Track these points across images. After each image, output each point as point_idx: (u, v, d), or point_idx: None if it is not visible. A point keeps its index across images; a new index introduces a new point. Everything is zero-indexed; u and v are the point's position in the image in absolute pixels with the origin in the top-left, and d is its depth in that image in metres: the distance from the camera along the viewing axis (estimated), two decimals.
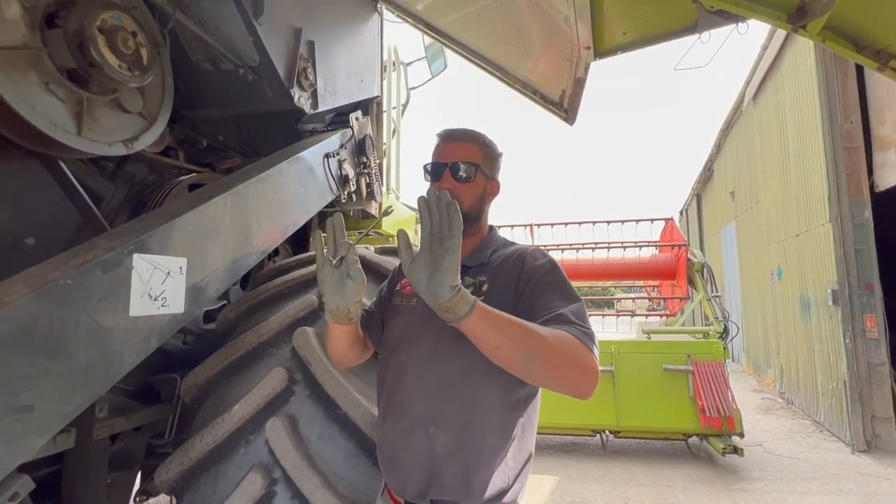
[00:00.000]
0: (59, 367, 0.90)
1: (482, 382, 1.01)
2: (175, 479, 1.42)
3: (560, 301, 1.00)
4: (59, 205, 1.44)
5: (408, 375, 1.06)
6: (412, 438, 1.01)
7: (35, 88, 1.16)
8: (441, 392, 1.02)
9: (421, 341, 1.08)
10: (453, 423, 0.99)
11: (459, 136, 1.20)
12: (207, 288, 1.33)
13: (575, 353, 0.89)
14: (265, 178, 1.62)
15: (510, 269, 1.10)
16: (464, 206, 1.10)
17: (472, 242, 1.19)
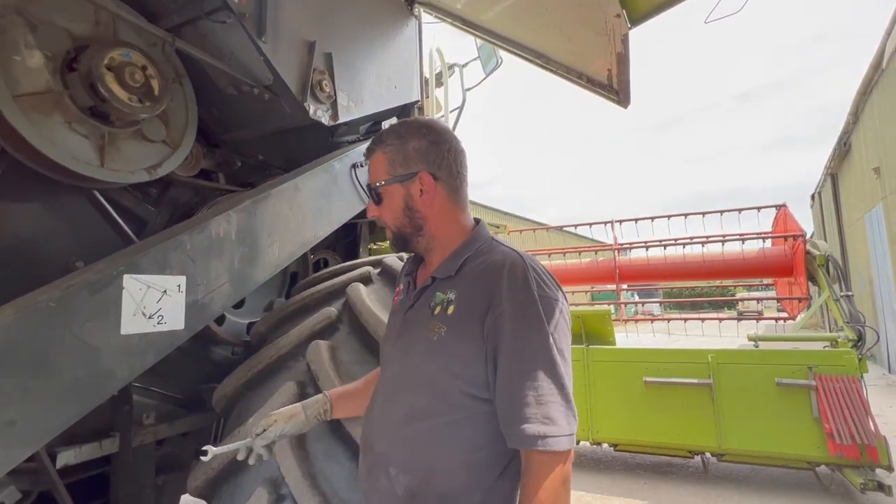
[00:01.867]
0: (42, 384, 0.97)
1: (450, 420, 0.87)
2: (201, 486, 1.48)
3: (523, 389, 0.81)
4: (101, 229, 1.60)
5: (375, 404, 0.99)
6: (375, 478, 0.94)
7: (58, 128, 1.29)
8: (400, 431, 0.91)
9: (394, 366, 0.99)
10: (416, 466, 0.88)
11: (368, 151, 1.03)
12: (211, 304, 1.36)
13: None
14: (278, 193, 1.64)
15: (481, 288, 0.89)
16: (392, 229, 1.01)
17: (443, 249, 1.00)
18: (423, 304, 0.97)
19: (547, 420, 0.79)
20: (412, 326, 0.97)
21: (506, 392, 0.82)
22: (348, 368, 1.52)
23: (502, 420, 0.83)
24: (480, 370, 0.85)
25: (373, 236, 2.94)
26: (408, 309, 1.00)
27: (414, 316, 0.98)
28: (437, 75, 3.70)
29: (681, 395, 4.13)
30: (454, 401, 0.86)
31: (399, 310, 1.06)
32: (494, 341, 0.84)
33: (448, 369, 0.87)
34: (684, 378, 4.13)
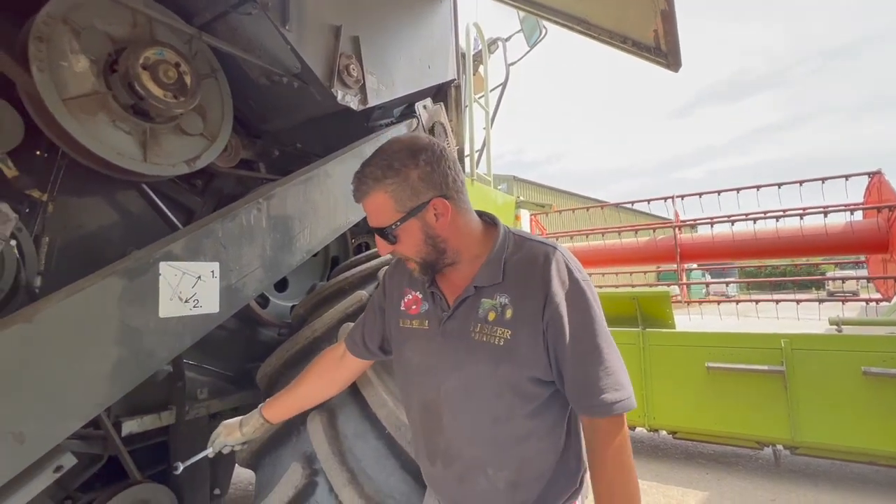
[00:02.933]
0: (91, 361, 1.06)
1: (528, 418, 0.95)
2: (247, 457, 1.59)
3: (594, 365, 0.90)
4: (153, 220, 1.72)
5: (444, 417, 1.00)
6: (471, 483, 0.99)
7: (104, 126, 1.39)
8: (490, 434, 0.97)
9: (447, 378, 0.99)
10: (510, 460, 0.96)
11: (360, 192, 0.97)
12: (244, 289, 1.43)
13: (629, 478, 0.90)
14: (308, 180, 1.68)
15: (533, 285, 0.93)
16: (416, 260, 0.99)
17: (475, 257, 1.00)
18: (468, 313, 0.97)
19: (618, 387, 0.90)
20: (460, 337, 0.97)
21: (578, 371, 0.90)
22: None
23: (578, 396, 0.91)
24: (544, 359, 0.92)
25: None
26: (446, 319, 1.00)
27: (459, 325, 0.98)
28: (476, 54, 3.60)
29: (748, 383, 3.83)
30: (530, 394, 0.94)
31: (427, 318, 1.04)
32: (555, 330, 0.90)
33: (522, 368, 0.92)
34: (752, 364, 3.81)
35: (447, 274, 1.04)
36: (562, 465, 0.99)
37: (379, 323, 1.18)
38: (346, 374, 1.31)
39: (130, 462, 1.51)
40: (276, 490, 1.42)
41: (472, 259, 1.00)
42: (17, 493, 0.98)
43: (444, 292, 1.04)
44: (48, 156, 1.49)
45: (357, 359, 1.26)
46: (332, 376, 1.30)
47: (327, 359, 1.31)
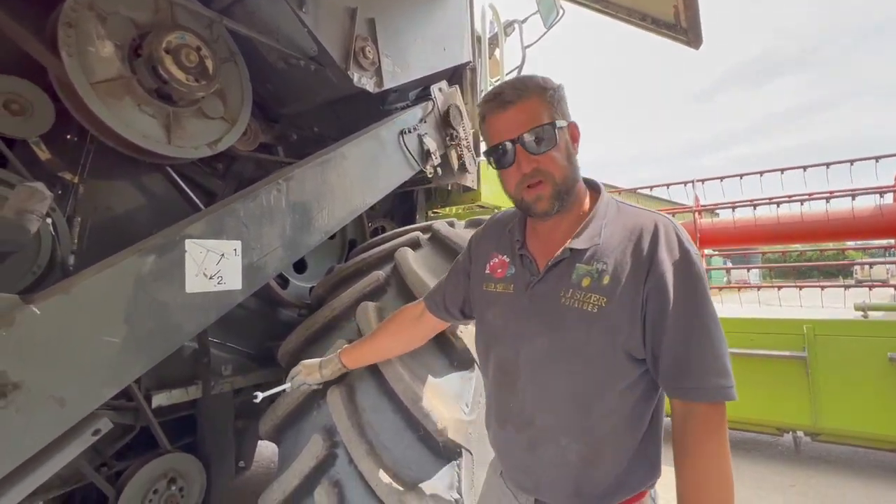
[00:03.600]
0: (124, 333, 1.12)
1: (613, 393, 0.90)
2: (270, 430, 1.65)
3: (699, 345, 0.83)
4: (177, 202, 1.78)
5: (521, 380, 0.97)
6: (542, 450, 0.95)
7: (130, 110, 1.43)
8: (568, 403, 0.92)
9: (530, 341, 0.95)
10: (586, 433, 0.91)
11: (511, 97, 0.92)
12: (266, 267, 1.47)
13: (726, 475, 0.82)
14: (326, 162, 1.71)
15: (636, 252, 0.88)
16: (557, 181, 0.92)
17: (576, 218, 0.97)
18: (560, 277, 0.93)
19: (724, 372, 0.83)
20: (548, 302, 0.93)
21: (680, 349, 0.84)
22: None
23: (675, 376, 0.84)
24: (639, 334, 0.87)
25: (429, 203, 2.98)
26: (535, 283, 0.96)
27: (549, 290, 0.94)
28: (492, 37, 3.56)
29: (769, 369, 3.78)
30: (618, 368, 0.88)
31: (512, 282, 1.02)
32: (657, 303, 0.85)
33: (614, 338, 0.87)
34: (773, 350, 3.76)
35: (541, 235, 1.01)
36: (640, 453, 0.93)
37: (462, 287, 1.17)
38: (421, 332, 1.33)
39: (161, 432, 1.59)
40: (298, 460, 1.48)
41: (575, 214, 0.97)
42: (60, 453, 1.04)
43: (534, 256, 1.00)
44: (78, 139, 1.55)
45: (434, 319, 1.27)
46: (408, 333, 1.33)
47: (405, 316, 1.33)
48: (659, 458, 0.96)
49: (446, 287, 1.23)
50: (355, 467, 1.40)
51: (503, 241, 1.08)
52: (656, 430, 0.96)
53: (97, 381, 1.07)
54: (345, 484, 1.43)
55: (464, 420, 1.41)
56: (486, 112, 0.96)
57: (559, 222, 0.98)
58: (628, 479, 0.93)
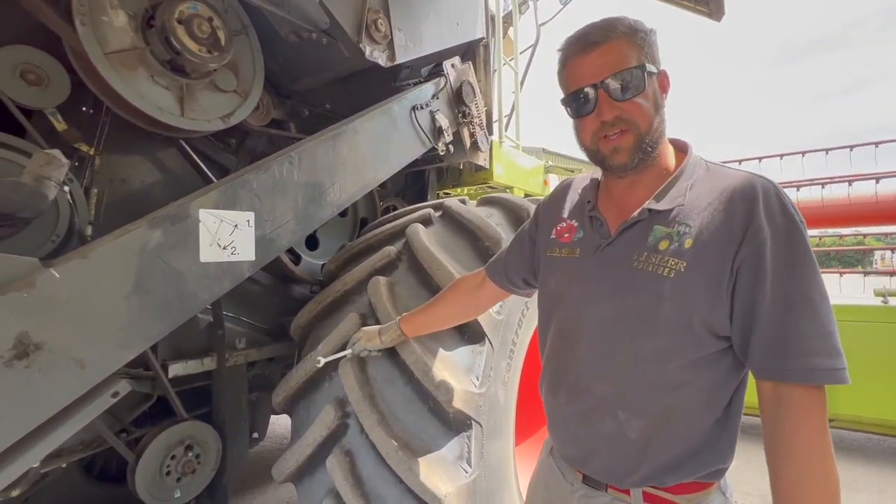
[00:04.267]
0: (141, 299, 1.14)
1: (686, 367, 0.82)
2: (283, 402, 1.68)
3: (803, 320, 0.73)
4: (191, 176, 1.79)
5: (581, 347, 0.91)
6: (597, 422, 0.89)
7: (143, 81, 1.44)
8: (630, 373, 0.85)
9: (594, 307, 0.89)
10: (648, 408, 0.84)
11: (597, 38, 0.84)
12: (278, 239, 1.48)
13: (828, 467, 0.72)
14: (337, 136, 1.70)
15: (729, 215, 0.79)
16: (641, 130, 0.84)
17: (657, 177, 0.89)
18: (634, 239, 0.87)
19: (834, 352, 0.72)
20: (618, 265, 0.87)
21: (779, 323, 0.74)
22: (405, 302, 1.58)
23: (770, 354, 0.75)
24: (723, 306, 0.78)
25: (440, 183, 2.96)
26: (605, 246, 0.91)
27: (620, 253, 0.88)
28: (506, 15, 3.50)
29: None
30: (691, 340, 0.80)
31: (579, 246, 0.97)
32: (753, 273, 0.76)
33: (690, 307, 0.79)
34: None
35: (616, 197, 0.95)
36: (709, 438, 0.84)
37: (527, 254, 1.14)
38: (480, 301, 1.31)
39: (177, 401, 1.62)
40: (310, 430, 1.51)
41: (656, 172, 0.89)
42: (81, 412, 1.07)
43: (606, 218, 0.94)
44: (93, 111, 1.56)
45: (494, 288, 1.24)
46: (467, 302, 1.31)
47: (464, 285, 1.31)
48: (732, 449, 0.87)
49: (508, 256, 1.20)
50: (366, 437, 1.42)
51: (573, 205, 1.04)
52: (732, 417, 0.86)
53: (115, 344, 1.09)
54: (356, 453, 1.46)
55: (474, 392, 1.42)
56: (567, 55, 0.87)
57: (637, 182, 0.90)
58: (692, 465, 0.84)
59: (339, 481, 1.42)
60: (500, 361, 1.58)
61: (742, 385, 0.87)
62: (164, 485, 1.53)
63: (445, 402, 1.35)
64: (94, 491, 1.78)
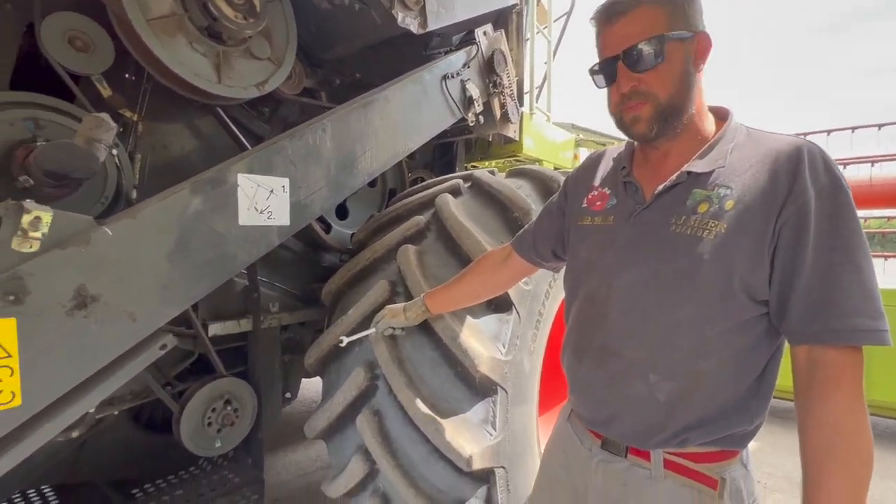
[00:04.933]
0: (184, 258, 1.20)
1: (721, 331, 0.81)
2: (314, 364, 1.75)
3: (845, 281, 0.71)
4: (227, 144, 1.83)
5: (612, 312, 0.91)
6: (626, 385, 0.90)
7: (182, 47, 1.46)
8: (663, 337, 0.85)
9: (627, 273, 0.89)
10: (680, 371, 0.84)
11: (624, 6, 0.84)
12: (312, 205, 1.52)
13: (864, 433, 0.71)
14: (369, 104, 1.70)
15: (772, 176, 0.77)
16: (661, 101, 0.84)
17: (695, 143, 0.88)
18: (672, 203, 0.86)
19: (877, 314, 0.71)
20: (654, 230, 0.87)
21: (821, 283, 0.73)
22: (434, 271, 1.61)
23: (807, 318, 0.74)
24: (764, 268, 0.77)
25: (468, 156, 2.94)
26: (640, 211, 0.90)
27: (657, 217, 0.87)
28: None
29: None
30: (728, 304, 0.79)
31: (612, 214, 0.96)
32: (795, 235, 0.75)
33: (729, 270, 0.78)
34: None
35: (651, 163, 0.94)
36: (739, 405, 0.84)
37: (556, 225, 1.13)
38: (506, 276, 1.30)
39: (216, 358, 1.71)
40: (341, 390, 1.57)
41: (692, 138, 0.88)
42: (133, 362, 1.15)
43: (641, 183, 0.93)
44: (136, 79, 1.61)
45: (521, 263, 1.24)
46: (492, 277, 1.30)
47: (489, 260, 1.31)
48: (761, 413, 0.87)
49: (536, 228, 1.20)
50: (395, 398, 1.47)
51: (605, 174, 1.03)
52: (764, 385, 0.85)
53: (162, 299, 1.15)
54: (384, 413, 1.52)
55: (500, 359, 1.45)
56: (596, 24, 0.88)
57: (673, 148, 0.90)
58: (719, 425, 0.84)
59: (368, 439, 1.48)
60: (527, 331, 1.59)
61: (776, 355, 0.87)
62: (205, 434, 1.63)
63: (472, 367, 1.38)
64: (141, 438, 1.92)
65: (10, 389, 0.92)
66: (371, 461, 1.53)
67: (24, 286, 0.94)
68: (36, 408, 0.97)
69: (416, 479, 1.43)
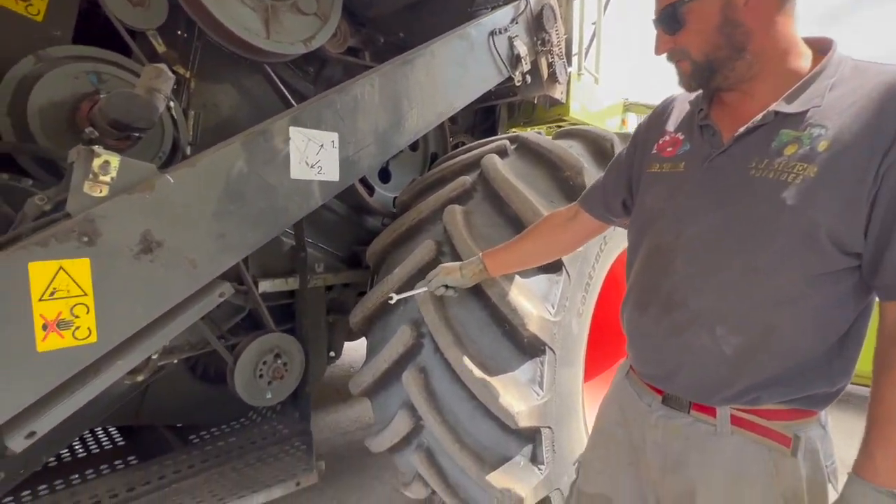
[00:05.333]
0: (239, 208, 1.22)
1: (803, 282, 0.76)
2: (359, 322, 1.78)
3: None
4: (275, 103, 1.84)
5: (678, 260, 0.87)
6: (689, 337, 0.86)
7: (232, 1, 1.46)
8: (734, 287, 0.81)
9: (698, 220, 0.85)
10: (750, 324, 0.80)
11: None
12: (360, 162, 1.51)
13: None
14: (414, 60, 1.66)
15: (873, 118, 0.71)
16: (695, 58, 0.83)
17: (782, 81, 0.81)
18: (755, 145, 0.80)
19: None
20: (731, 174, 0.82)
21: None
22: (481, 231, 1.58)
23: None
24: (859, 216, 0.71)
25: (511, 120, 2.86)
26: (716, 155, 0.85)
27: (735, 161, 0.82)
28: None
29: None
30: (812, 253, 0.74)
31: (684, 160, 0.91)
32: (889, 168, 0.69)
33: (816, 217, 0.72)
34: None
35: (730, 105, 0.89)
36: (820, 362, 0.79)
37: (625, 176, 1.08)
38: (571, 236, 1.24)
39: (266, 313, 1.76)
40: (387, 347, 1.59)
41: (779, 76, 0.81)
42: (194, 308, 1.19)
43: (719, 126, 0.87)
44: (187, 35, 1.62)
45: (588, 222, 1.19)
46: (556, 237, 1.25)
47: (553, 220, 1.26)
48: (845, 380, 0.81)
49: (605, 182, 1.15)
50: (441, 356, 1.48)
51: (679, 118, 0.98)
52: (849, 346, 0.80)
53: (220, 248, 1.18)
54: (430, 371, 1.53)
55: (549, 319, 1.42)
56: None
57: (756, 88, 0.84)
58: (794, 385, 0.79)
59: (414, 395, 1.50)
60: (576, 293, 1.56)
61: (864, 315, 0.81)
62: (257, 386, 1.69)
63: (521, 326, 1.37)
64: (196, 388, 2.02)
65: (86, 326, 0.97)
66: (416, 417, 1.56)
67: (96, 228, 0.98)
68: (109, 345, 1.02)
69: (461, 434, 1.45)
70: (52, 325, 0.93)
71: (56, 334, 0.93)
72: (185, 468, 1.69)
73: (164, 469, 1.66)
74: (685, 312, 0.86)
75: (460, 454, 1.43)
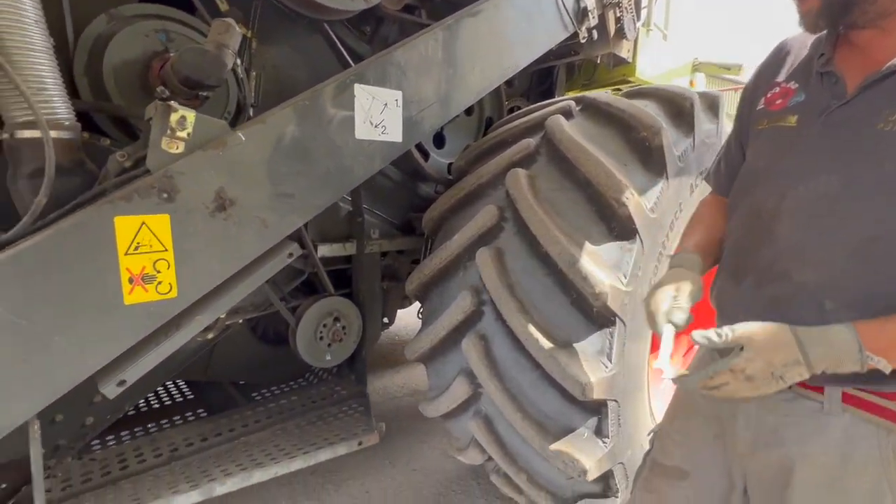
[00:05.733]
0: (307, 168, 1.20)
1: None
2: (416, 289, 1.76)
3: None
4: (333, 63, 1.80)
5: (782, 226, 0.79)
6: (791, 311, 0.77)
7: None
8: (850, 257, 0.73)
9: (807, 181, 0.77)
10: (868, 300, 0.72)
11: None
12: (422, 122, 1.46)
13: None
14: (477, 13, 1.57)
15: None
16: None
17: None
18: (884, 96, 0.73)
19: None
20: (857, 128, 0.74)
21: None
22: (547, 195, 1.50)
23: None
24: None
25: (570, 82, 2.70)
26: (836, 108, 0.77)
27: (860, 114, 0.74)
28: None
29: None
30: None
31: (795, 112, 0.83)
32: None
33: None
34: None
35: (859, 48, 0.79)
36: None
37: (742, 139, 0.98)
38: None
39: (326, 277, 1.78)
40: (446, 313, 1.57)
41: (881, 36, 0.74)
42: (265, 266, 1.21)
43: (844, 74, 0.78)
44: None
45: None
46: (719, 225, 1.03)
47: (706, 211, 1.09)
48: None
49: (725, 153, 1.04)
50: (503, 323, 1.44)
51: (794, 64, 0.87)
52: None
53: (289, 208, 1.18)
54: (491, 338, 1.50)
55: (621, 289, 1.34)
56: None
57: (891, 26, 0.73)
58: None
59: (474, 362, 1.48)
60: (649, 263, 1.46)
61: None
62: (318, 347, 1.73)
63: (592, 295, 1.30)
64: (258, 348, 2.09)
65: (168, 281, 0.99)
66: (475, 384, 1.54)
67: (175, 185, 0.99)
68: (189, 300, 1.04)
69: (523, 403, 1.42)
70: (137, 279, 0.95)
71: (141, 288, 0.96)
72: (251, 423, 1.76)
73: (233, 423, 1.75)
74: (787, 285, 0.79)
75: (522, 423, 1.41)
